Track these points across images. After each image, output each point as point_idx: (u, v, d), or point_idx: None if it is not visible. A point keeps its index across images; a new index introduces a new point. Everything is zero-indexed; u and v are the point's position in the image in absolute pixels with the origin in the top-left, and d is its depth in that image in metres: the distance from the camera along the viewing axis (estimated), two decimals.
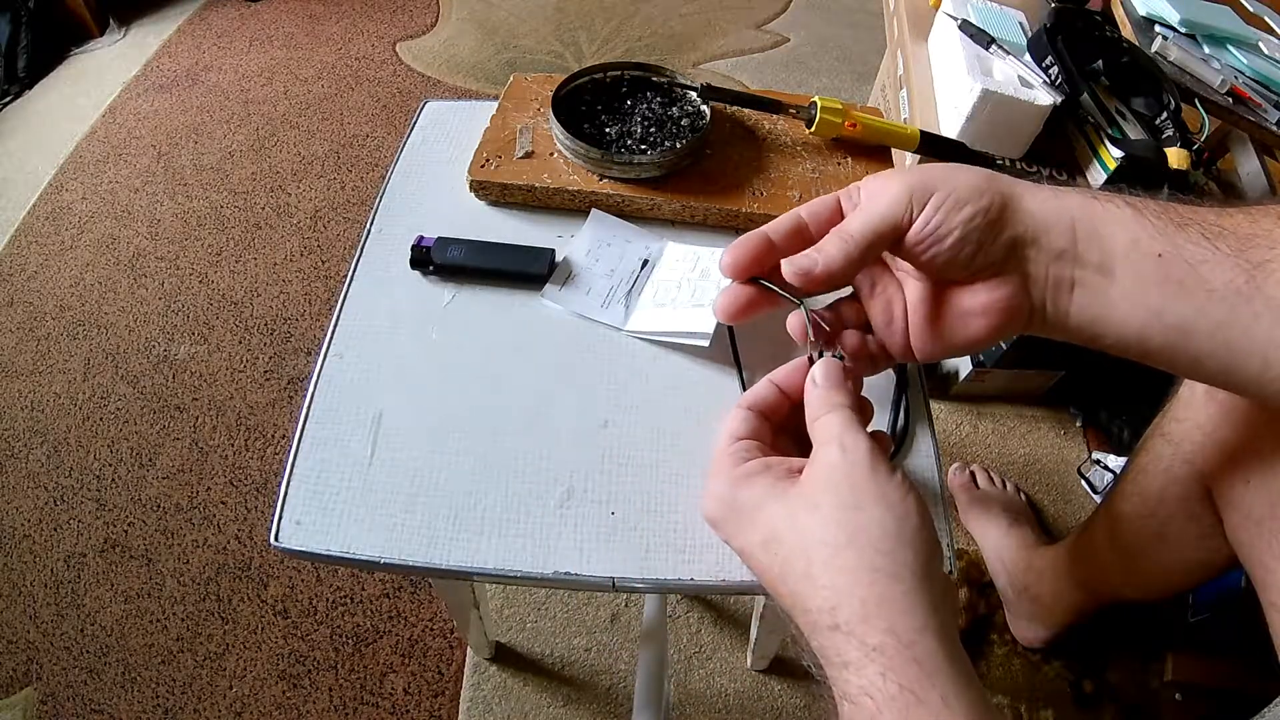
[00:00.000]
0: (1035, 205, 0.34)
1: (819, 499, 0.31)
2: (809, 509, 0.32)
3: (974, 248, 0.34)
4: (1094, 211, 0.34)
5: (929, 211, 0.34)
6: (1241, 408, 0.55)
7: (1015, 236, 0.34)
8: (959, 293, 0.36)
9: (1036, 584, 0.93)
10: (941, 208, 0.33)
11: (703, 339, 0.50)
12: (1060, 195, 0.34)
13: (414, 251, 0.55)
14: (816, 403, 0.35)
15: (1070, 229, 0.33)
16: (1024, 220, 0.34)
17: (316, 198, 1.51)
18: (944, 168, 0.35)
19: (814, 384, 0.36)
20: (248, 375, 1.23)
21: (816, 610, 0.30)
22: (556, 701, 0.93)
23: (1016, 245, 0.34)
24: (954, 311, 0.37)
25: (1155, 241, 0.32)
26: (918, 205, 0.34)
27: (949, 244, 0.34)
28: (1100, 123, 0.87)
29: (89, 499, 1.09)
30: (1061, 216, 0.34)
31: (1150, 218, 0.33)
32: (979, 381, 1.17)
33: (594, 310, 0.54)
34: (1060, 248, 0.33)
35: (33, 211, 1.47)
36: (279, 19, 1.97)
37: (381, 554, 0.43)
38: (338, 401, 0.49)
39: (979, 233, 0.33)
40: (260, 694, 0.93)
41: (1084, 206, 0.34)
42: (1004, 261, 0.34)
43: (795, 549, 0.31)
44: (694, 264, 0.55)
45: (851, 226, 0.35)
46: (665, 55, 1.89)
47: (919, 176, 0.34)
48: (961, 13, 0.96)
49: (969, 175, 0.34)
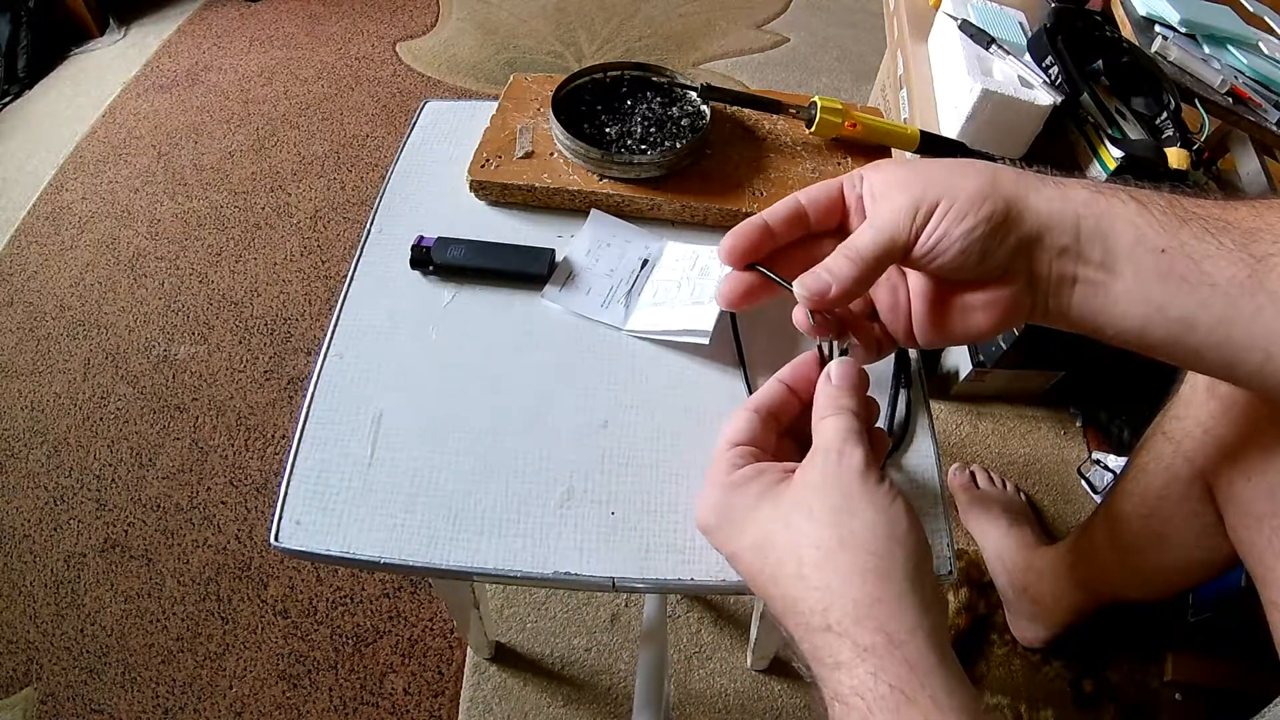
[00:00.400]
0: (1040, 204, 0.34)
1: (812, 503, 0.32)
2: (801, 512, 0.32)
3: (978, 257, 0.34)
4: (1099, 208, 0.34)
5: (933, 226, 0.34)
6: (1241, 404, 0.55)
7: (1020, 239, 0.34)
8: (962, 289, 0.37)
9: (1037, 584, 0.93)
10: (945, 219, 0.33)
11: (702, 336, 0.50)
12: (1065, 191, 0.34)
13: (414, 251, 0.55)
14: (826, 402, 0.35)
15: (1074, 226, 0.33)
16: (1029, 221, 0.34)
17: (316, 198, 1.51)
18: (947, 171, 0.35)
19: (827, 380, 0.36)
20: (248, 375, 1.23)
21: (808, 611, 0.30)
22: (556, 701, 0.93)
23: (1021, 247, 0.34)
24: (957, 306, 0.37)
25: (1159, 237, 0.32)
26: (922, 219, 0.34)
27: (952, 256, 0.34)
28: (1100, 123, 0.87)
29: (89, 499, 1.09)
30: (1066, 214, 0.34)
31: (1154, 213, 0.33)
32: (979, 381, 1.17)
33: (594, 310, 0.54)
34: (1063, 245, 0.34)
35: (33, 211, 1.47)
36: (279, 19, 1.97)
37: (381, 554, 0.43)
38: (338, 401, 0.49)
39: (983, 242, 0.33)
40: (260, 694, 0.93)
41: (1089, 203, 0.34)
42: (1009, 263, 0.34)
43: (787, 551, 0.31)
44: (693, 263, 0.55)
45: (861, 244, 0.35)
46: (665, 55, 1.89)
47: (922, 185, 0.34)
48: (961, 13, 0.96)
49: (972, 182, 0.34)
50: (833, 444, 0.33)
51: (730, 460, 0.36)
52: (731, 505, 0.34)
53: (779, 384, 0.39)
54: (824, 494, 0.32)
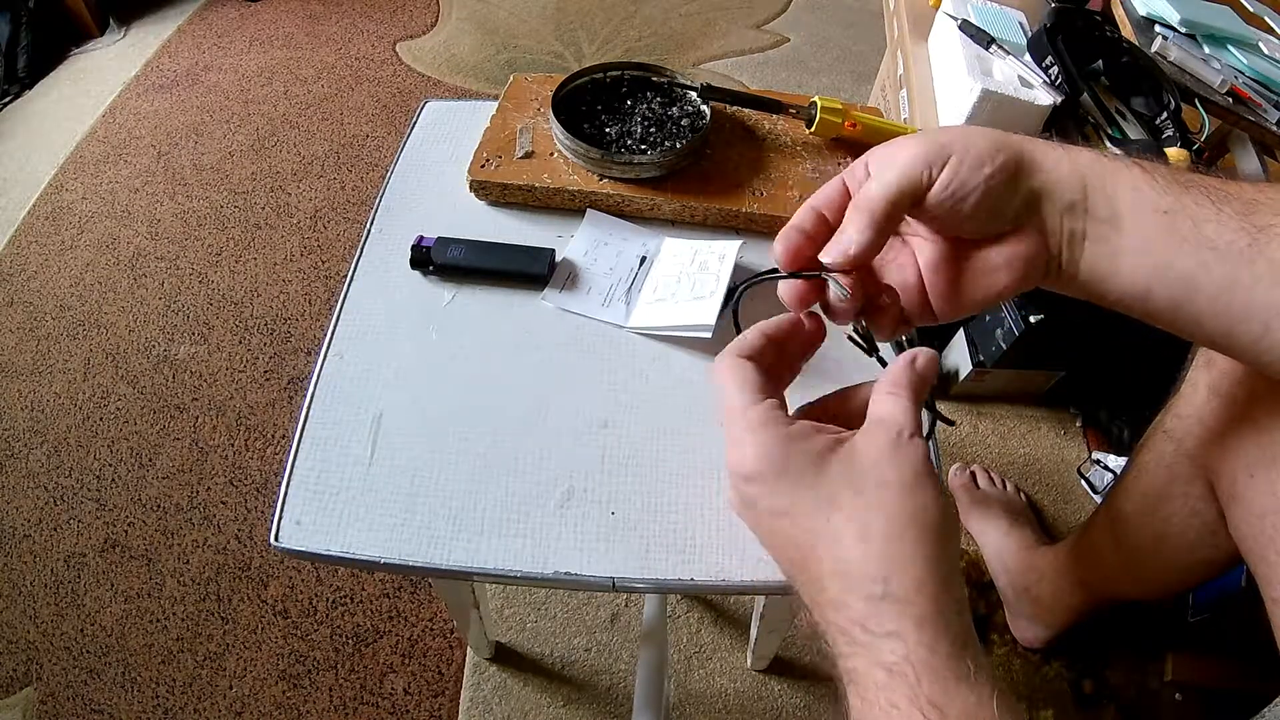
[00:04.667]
0: (1048, 162, 0.35)
1: (885, 473, 0.31)
2: (876, 482, 0.31)
3: (994, 204, 0.35)
4: (1103, 168, 0.35)
5: (949, 172, 0.34)
6: (1242, 400, 0.55)
7: (1031, 190, 0.35)
8: (978, 250, 0.37)
9: (1037, 584, 0.93)
10: (963, 168, 0.34)
11: (705, 331, 0.50)
12: (1071, 153, 0.35)
13: (414, 251, 0.55)
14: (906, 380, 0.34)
15: (1081, 184, 0.35)
16: (1039, 175, 0.35)
17: (316, 198, 1.51)
18: (957, 129, 0.36)
19: (911, 364, 0.35)
20: (248, 375, 1.23)
21: (865, 578, 0.30)
22: (556, 701, 0.93)
23: (1033, 199, 0.35)
24: (974, 269, 0.37)
25: (1161, 199, 0.33)
26: (936, 167, 0.34)
27: (971, 202, 0.34)
28: (1100, 123, 0.87)
29: (89, 499, 1.09)
30: (1073, 172, 0.35)
31: (1157, 178, 0.34)
32: (979, 381, 1.17)
33: (595, 310, 0.54)
34: (1071, 200, 0.35)
35: (33, 211, 1.47)
36: (279, 19, 1.97)
37: (381, 554, 0.43)
38: (338, 401, 0.49)
39: (999, 189, 0.34)
40: (260, 694, 0.93)
41: (1093, 164, 0.35)
42: (1022, 215, 0.35)
43: (853, 515, 0.31)
44: (692, 257, 0.55)
45: (872, 194, 0.35)
46: (665, 55, 1.89)
47: (932, 139, 0.35)
48: (961, 13, 0.96)
49: (983, 135, 0.35)
50: (905, 425, 0.33)
51: (774, 410, 0.34)
52: (791, 457, 0.32)
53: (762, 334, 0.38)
54: (898, 468, 0.31)
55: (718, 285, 0.51)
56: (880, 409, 0.34)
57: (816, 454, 0.32)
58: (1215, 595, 0.95)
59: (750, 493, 0.33)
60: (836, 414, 0.38)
